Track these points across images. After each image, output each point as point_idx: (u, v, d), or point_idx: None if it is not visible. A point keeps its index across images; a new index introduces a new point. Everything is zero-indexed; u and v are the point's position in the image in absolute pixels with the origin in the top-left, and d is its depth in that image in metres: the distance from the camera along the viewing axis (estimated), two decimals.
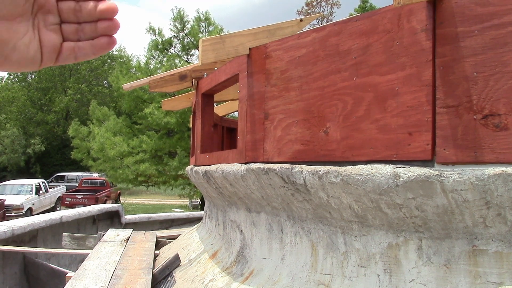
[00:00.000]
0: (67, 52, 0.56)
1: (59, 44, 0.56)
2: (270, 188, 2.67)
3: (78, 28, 0.56)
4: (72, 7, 0.55)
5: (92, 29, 0.57)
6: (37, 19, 0.54)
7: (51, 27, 0.55)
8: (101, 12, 0.55)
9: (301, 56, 2.52)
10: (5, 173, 31.64)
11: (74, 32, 0.56)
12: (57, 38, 0.56)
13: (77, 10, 0.56)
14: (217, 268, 3.32)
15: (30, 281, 6.69)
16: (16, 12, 0.51)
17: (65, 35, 0.56)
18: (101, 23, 0.56)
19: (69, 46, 0.56)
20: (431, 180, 1.76)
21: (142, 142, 17.25)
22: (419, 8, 1.91)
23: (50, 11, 0.55)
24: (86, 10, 0.56)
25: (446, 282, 1.87)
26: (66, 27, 0.56)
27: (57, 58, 0.56)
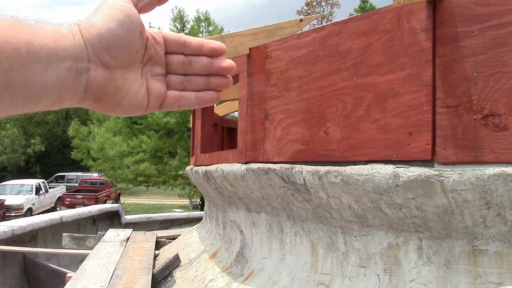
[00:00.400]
0: (171, 100, 0.59)
1: (164, 92, 0.59)
2: (270, 188, 2.67)
3: (184, 80, 0.60)
4: (182, 61, 0.59)
5: (203, 82, 0.60)
6: (145, 69, 0.57)
7: (157, 77, 0.58)
8: (221, 69, 0.59)
9: (301, 56, 2.52)
10: (5, 173, 31.64)
11: (179, 83, 0.60)
12: (162, 87, 0.59)
13: (186, 63, 0.59)
14: (217, 268, 3.32)
15: (30, 281, 6.69)
16: (130, 61, 0.55)
17: (171, 85, 0.60)
18: (215, 78, 0.60)
19: (174, 95, 0.59)
20: (431, 180, 1.76)
21: (142, 142, 17.25)
22: (419, 8, 1.91)
23: (158, 63, 0.58)
24: (199, 65, 0.59)
25: (446, 282, 1.87)
26: (172, 78, 0.59)
27: (161, 104, 0.59)
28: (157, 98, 0.58)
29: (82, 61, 0.51)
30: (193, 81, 0.60)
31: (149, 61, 0.57)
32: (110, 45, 0.52)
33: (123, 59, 0.54)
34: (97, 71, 0.52)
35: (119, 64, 0.54)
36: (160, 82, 0.58)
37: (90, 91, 0.53)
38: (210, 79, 0.60)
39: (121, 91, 0.55)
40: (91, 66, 0.52)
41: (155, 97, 0.58)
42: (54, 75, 0.48)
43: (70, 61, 0.50)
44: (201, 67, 0.59)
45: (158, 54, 0.58)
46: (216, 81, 0.60)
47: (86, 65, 0.51)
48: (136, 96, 0.56)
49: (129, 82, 0.55)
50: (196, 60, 0.59)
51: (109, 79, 0.53)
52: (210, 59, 0.59)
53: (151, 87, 0.58)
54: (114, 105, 0.56)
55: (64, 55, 0.49)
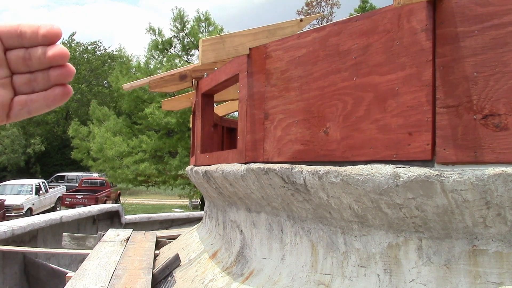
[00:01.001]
0: (18, 107, 0.50)
1: (9, 100, 0.49)
2: (270, 188, 2.67)
3: (30, 79, 0.50)
4: (21, 55, 0.49)
5: (45, 78, 0.50)
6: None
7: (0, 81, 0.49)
8: (50, 59, 0.49)
9: (301, 56, 2.52)
10: (5, 173, 31.64)
11: (26, 84, 0.50)
12: (6, 93, 0.49)
13: (27, 58, 0.49)
14: (217, 268, 3.32)
15: (30, 281, 6.69)
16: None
17: (17, 88, 0.50)
18: (53, 71, 0.50)
19: (21, 101, 0.50)
20: (431, 180, 1.76)
21: (142, 142, 17.25)
22: (419, 8, 1.91)
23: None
24: (35, 57, 0.49)
25: (446, 282, 1.87)
26: (18, 78, 0.50)
27: (8, 115, 0.50)
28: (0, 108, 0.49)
29: None
30: (39, 79, 0.50)
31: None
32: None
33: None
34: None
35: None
36: (3, 88, 0.49)
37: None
38: (49, 73, 0.50)
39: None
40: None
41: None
42: None
43: None
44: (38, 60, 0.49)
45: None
46: (54, 74, 0.50)
47: None
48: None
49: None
50: (34, 53, 0.49)
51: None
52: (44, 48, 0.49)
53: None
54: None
55: None
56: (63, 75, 0.50)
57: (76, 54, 38.34)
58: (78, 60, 37.92)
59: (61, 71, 0.50)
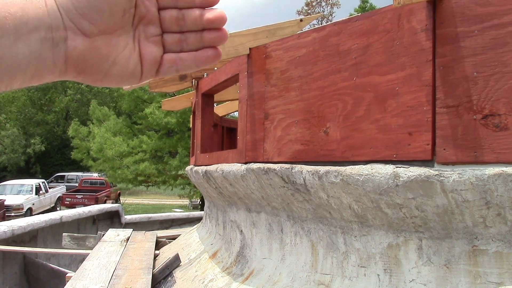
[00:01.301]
0: (168, 64, 0.52)
1: (159, 57, 0.52)
2: (270, 188, 2.67)
3: (180, 38, 0.52)
4: (175, 16, 0.51)
5: (197, 39, 0.52)
6: (137, 31, 0.50)
7: (152, 38, 0.51)
8: (208, 21, 0.51)
9: (301, 56, 2.52)
10: (5, 173, 31.64)
11: (176, 43, 0.52)
12: (158, 50, 0.51)
13: (180, 19, 0.51)
14: (217, 268, 3.32)
15: (30, 281, 6.69)
16: (116, 25, 0.48)
17: (167, 46, 0.52)
18: (207, 33, 0.51)
19: (171, 58, 0.52)
20: (431, 180, 1.76)
21: (142, 142, 17.25)
22: (419, 8, 1.91)
23: (152, 22, 0.51)
24: (191, 18, 0.51)
25: (446, 282, 1.87)
26: (168, 37, 0.52)
27: (157, 70, 0.52)
28: (151, 64, 0.51)
29: (58, 30, 0.44)
30: (189, 40, 0.52)
31: (141, 21, 0.50)
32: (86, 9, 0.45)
33: (105, 24, 0.46)
34: (76, 40, 0.46)
35: (101, 30, 0.46)
36: (155, 45, 0.51)
37: (71, 63, 0.47)
38: (203, 35, 0.51)
39: (107, 60, 0.48)
40: (69, 34, 0.45)
41: (149, 63, 0.51)
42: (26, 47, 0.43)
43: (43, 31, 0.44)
44: (194, 21, 0.51)
45: (150, 12, 0.50)
46: (209, 36, 0.51)
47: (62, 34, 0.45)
48: (126, 64, 0.50)
49: (116, 49, 0.48)
50: (189, 14, 0.51)
51: (91, 47, 0.47)
52: (201, 11, 0.51)
53: (145, 52, 0.51)
54: (102, 76, 0.49)
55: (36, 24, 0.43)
56: (219, 38, 0.51)
57: None
58: None
59: (217, 34, 0.51)
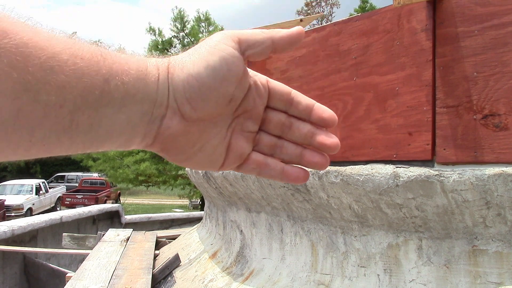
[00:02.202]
0: (253, 165, 0.48)
1: (246, 154, 0.48)
2: (270, 188, 2.67)
3: (277, 143, 0.48)
4: (282, 121, 0.47)
5: (295, 153, 0.48)
6: (235, 122, 0.47)
7: (246, 134, 0.47)
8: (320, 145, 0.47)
9: (301, 56, 2.52)
10: (5, 173, 31.65)
11: (269, 146, 0.48)
12: (248, 146, 0.48)
13: (286, 126, 0.47)
14: (217, 268, 3.32)
15: (30, 281, 6.69)
16: (217, 113, 0.44)
17: (259, 146, 0.48)
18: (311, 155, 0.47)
19: (258, 160, 0.48)
20: (431, 180, 1.76)
21: None
22: (419, 8, 1.91)
23: (253, 118, 0.47)
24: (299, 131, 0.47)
25: (446, 282, 1.87)
26: (264, 137, 0.48)
27: (240, 166, 0.48)
28: (236, 158, 0.48)
29: (161, 106, 0.42)
30: (285, 149, 0.48)
31: (243, 113, 0.46)
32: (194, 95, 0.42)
33: (207, 112, 0.43)
34: (173, 120, 0.43)
35: (200, 117, 0.43)
36: (246, 141, 0.47)
37: (160, 139, 0.44)
38: (304, 153, 0.48)
39: (195, 146, 0.45)
40: (168, 113, 0.42)
41: (234, 157, 0.47)
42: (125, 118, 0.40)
43: (147, 105, 0.41)
44: (301, 136, 0.47)
45: (256, 109, 0.46)
46: (310, 158, 0.47)
47: (163, 111, 0.42)
48: (212, 153, 0.46)
49: (208, 136, 0.45)
50: (298, 125, 0.47)
51: (184, 131, 0.43)
52: (313, 129, 0.47)
53: (234, 145, 0.47)
54: (184, 158, 0.46)
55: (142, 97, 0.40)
56: (321, 165, 0.48)
57: None
58: None
59: (321, 161, 0.48)
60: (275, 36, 0.45)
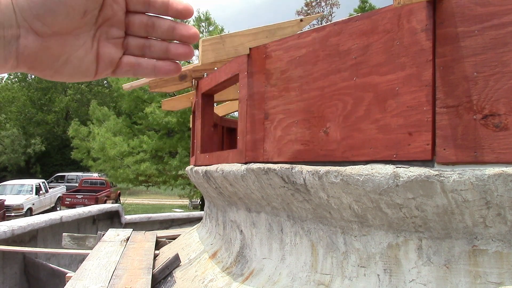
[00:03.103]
0: (126, 68, 0.53)
1: (117, 58, 0.52)
2: (270, 188, 2.67)
3: (145, 44, 0.53)
4: (145, 22, 0.52)
5: (162, 49, 0.53)
6: (99, 31, 0.50)
7: (113, 40, 0.51)
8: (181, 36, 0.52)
9: (301, 56, 2.52)
10: (5, 173, 31.64)
11: (139, 48, 0.53)
12: (116, 52, 0.52)
13: (149, 26, 0.52)
14: (217, 268, 3.32)
15: (30, 281, 6.69)
16: (73, 26, 0.48)
17: (129, 49, 0.53)
18: (175, 47, 0.52)
19: (129, 62, 0.53)
20: (431, 180, 1.76)
21: (143, 142, 17.25)
22: (419, 8, 1.91)
23: (116, 25, 0.51)
24: (161, 28, 0.52)
25: (446, 282, 1.87)
26: (132, 41, 0.53)
27: (114, 71, 0.53)
28: (107, 64, 0.52)
29: (10, 28, 0.45)
30: (153, 47, 0.53)
31: (104, 22, 0.50)
32: (40, 11, 0.45)
33: (60, 26, 0.46)
34: (28, 38, 0.46)
35: (54, 31, 0.47)
36: (115, 46, 0.51)
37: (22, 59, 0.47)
38: (169, 47, 0.53)
39: (58, 59, 0.49)
40: (21, 32, 0.46)
41: (105, 63, 0.52)
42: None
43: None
44: (163, 32, 0.52)
45: (116, 15, 0.50)
46: (175, 50, 0.52)
47: (15, 32, 0.45)
48: (79, 63, 0.50)
49: (69, 49, 0.49)
50: (159, 23, 0.52)
51: (42, 47, 0.47)
52: (173, 23, 0.52)
53: (102, 52, 0.51)
54: (52, 73, 0.50)
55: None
56: (185, 54, 0.52)
57: None
58: None
59: (185, 51, 0.52)
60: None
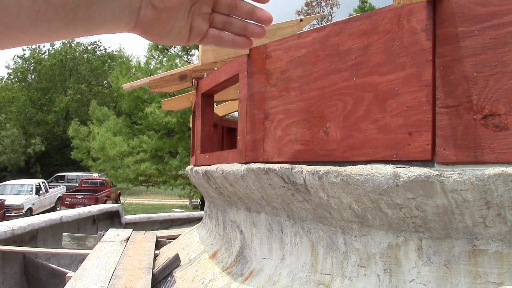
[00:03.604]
0: (210, 39, 0.65)
1: (205, 30, 0.64)
2: (270, 188, 2.67)
3: (227, 21, 0.65)
4: (229, 2, 0.64)
5: (241, 27, 0.65)
6: (194, 8, 0.62)
7: (203, 15, 0.63)
8: (257, 18, 0.65)
9: (301, 56, 2.52)
10: (5, 173, 31.64)
11: (222, 23, 0.65)
12: (204, 25, 0.64)
13: (232, 6, 0.64)
14: (217, 268, 3.32)
15: (30, 281, 6.69)
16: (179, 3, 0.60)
17: (214, 23, 0.64)
18: (252, 26, 0.66)
19: (214, 34, 0.65)
20: (431, 180, 1.76)
21: (143, 142, 17.25)
22: (419, 8, 1.91)
23: (206, 2, 0.63)
24: (243, 9, 0.64)
25: (446, 282, 1.87)
26: (217, 17, 0.64)
27: (201, 39, 0.65)
28: (197, 35, 0.64)
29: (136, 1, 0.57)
30: (234, 24, 0.65)
31: (198, 0, 0.62)
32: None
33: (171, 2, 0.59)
34: (147, 10, 0.58)
35: (167, 6, 0.59)
36: (204, 21, 0.63)
37: (139, 26, 0.60)
38: (248, 26, 0.65)
39: (166, 28, 0.61)
40: (143, 5, 0.58)
41: (196, 33, 0.64)
42: (111, 12, 0.55)
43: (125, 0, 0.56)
44: (244, 13, 0.64)
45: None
46: (252, 29, 0.65)
47: (138, 4, 0.57)
48: (178, 32, 0.63)
49: (174, 20, 0.61)
50: (241, 5, 0.64)
51: (156, 18, 0.59)
52: (253, 7, 0.64)
53: (194, 25, 0.63)
54: (158, 37, 0.63)
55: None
56: (259, 33, 0.66)
57: (76, 54, 38.31)
58: (78, 60, 37.89)
59: (260, 30, 0.66)
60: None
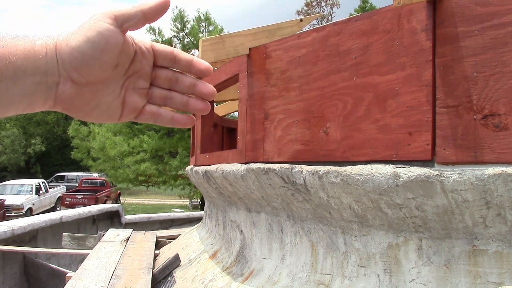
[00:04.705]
0: (147, 115, 0.59)
1: (141, 106, 0.58)
2: (270, 188, 2.67)
3: (167, 96, 0.59)
4: (169, 77, 0.58)
5: (182, 102, 0.59)
6: (128, 81, 0.57)
7: (139, 90, 0.58)
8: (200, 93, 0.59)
9: (301, 56, 2.52)
10: (5, 173, 31.65)
11: (161, 98, 0.59)
12: (141, 101, 0.58)
13: (173, 80, 0.59)
14: (217, 268, 3.32)
15: (30, 281, 6.69)
16: (105, 77, 0.54)
17: (152, 99, 0.59)
18: (194, 101, 0.59)
19: (151, 111, 0.59)
20: (431, 180, 1.76)
21: (143, 142, 17.25)
22: (419, 8, 1.91)
23: (142, 77, 0.58)
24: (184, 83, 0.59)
25: (446, 282, 1.87)
26: (156, 91, 0.59)
27: (136, 116, 0.59)
28: (131, 111, 0.58)
29: (52, 76, 0.52)
30: (174, 99, 0.59)
31: (133, 74, 0.57)
32: (79, 64, 0.52)
33: (94, 77, 0.53)
34: (66, 85, 0.53)
35: (89, 81, 0.54)
36: (139, 96, 0.58)
37: (59, 102, 0.54)
38: (189, 101, 0.59)
39: (89, 104, 0.55)
40: (61, 80, 0.52)
41: (129, 110, 0.58)
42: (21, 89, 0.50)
43: (39, 76, 0.51)
44: (185, 87, 0.59)
45: (144, 69, 0.57)
46: (194, 105, 0.59)
47: (55, 79, 0.52)
48: (107, 108, 0.57)
49: (100, 96, 0.55)
50: (182, 79, 0.59)
51: (76, 93, 0.54)
52: (195, 81, 0.59)
53: (128, 101, 0.57)
54: (83, 114, 0.56)
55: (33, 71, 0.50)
56: (202, 109, 0.60)
57: None
58: None
59: (203, 106, 0.60)
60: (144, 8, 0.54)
